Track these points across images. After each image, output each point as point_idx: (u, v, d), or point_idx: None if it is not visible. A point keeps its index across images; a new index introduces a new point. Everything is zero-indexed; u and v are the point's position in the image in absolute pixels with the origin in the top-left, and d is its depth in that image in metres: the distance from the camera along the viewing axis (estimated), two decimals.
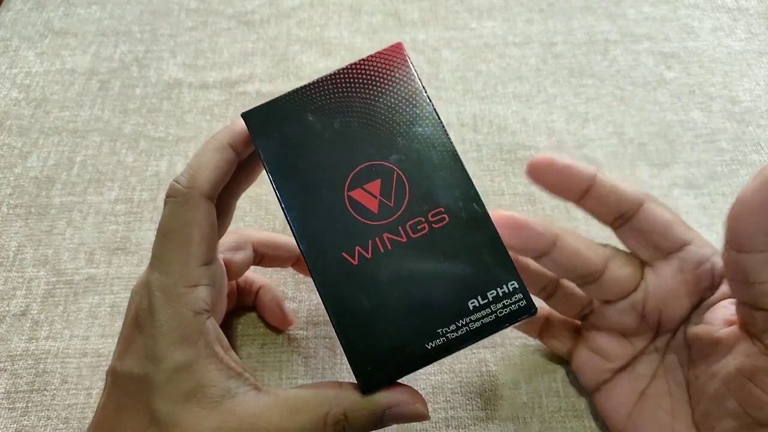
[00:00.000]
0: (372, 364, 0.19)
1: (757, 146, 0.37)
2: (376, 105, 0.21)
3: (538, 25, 0.45)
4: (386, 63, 0.21)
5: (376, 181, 0.20)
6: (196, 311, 0.20)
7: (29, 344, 0.30)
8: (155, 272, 0.20)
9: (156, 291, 0.20)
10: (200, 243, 0.20)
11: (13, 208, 0.35)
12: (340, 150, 0.21)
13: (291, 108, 0.21)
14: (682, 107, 0.39)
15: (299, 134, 0.21)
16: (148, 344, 0.19)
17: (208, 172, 0.21)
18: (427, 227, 0.20)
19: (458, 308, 0.19)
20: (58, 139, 0.38)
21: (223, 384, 0.19)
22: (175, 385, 0.19)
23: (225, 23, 0.45)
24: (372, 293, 0.19)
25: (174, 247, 0.20)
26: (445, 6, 0.46)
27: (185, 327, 0.19)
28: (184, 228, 0.20)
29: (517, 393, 0.28)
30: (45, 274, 0.32)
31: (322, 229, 0.20)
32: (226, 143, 0.21)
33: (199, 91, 0.41)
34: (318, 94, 0.21)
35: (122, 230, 0.34)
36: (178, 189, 0.21)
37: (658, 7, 0.46)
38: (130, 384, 0.19)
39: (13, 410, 0.28)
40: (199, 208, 0.20)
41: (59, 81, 0.41)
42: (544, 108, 0.40)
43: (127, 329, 0.20)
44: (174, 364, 0.19)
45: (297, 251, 0.29)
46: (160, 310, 0.19)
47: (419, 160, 0.20)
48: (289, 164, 0.21)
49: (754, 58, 0.42)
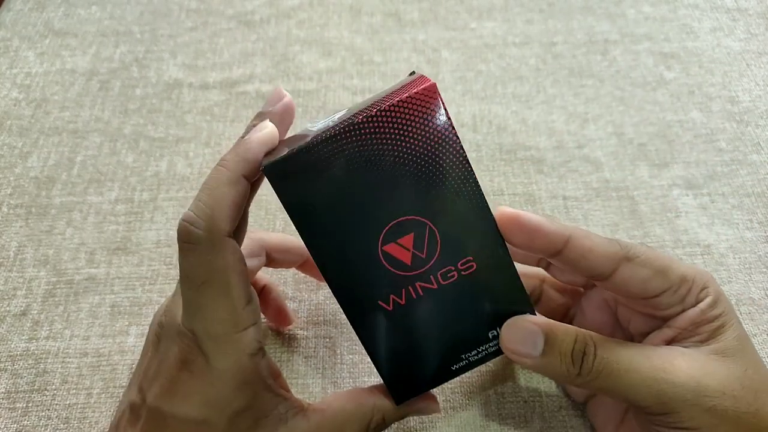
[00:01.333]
0: (403, 384, 0.22)
1: (757, 146, 0.37)
2: (407, 155, 0.19)
3: (538, 25, 0.45)
4: (418, 108, 0.19)
5: (410, 236, 0.20)
6: (252, 353, 0.20)
7: (29, 344, 0.30)
8: (200, 321, 0.19)
9: (207, 340, 0.19)
10: (238, 286, 0.19)
11: (14, 208, 0.35)
12: (372, 204, 0.20)
13: (316, 160, 0.19)
14: (681, 107, 0.39)
15: (326, 188, 0.19)
16: (208, 391, 0.19)
17: (226, 209, 0.19)
18: (456, 275, 0.21)
19: (481, 338, 0.22)
20: (59, 140, 0.38)
21: (275, 412, 0.20)
22: (237, 426, 0.20)
23: (225, 23, 0.45)
24: (405, 333, 0.21)
25: (214, 297, 0.19)
26: (445, 6, 0.46)
27: (244, 372, 0.20)
28: (220, 276, 0.19)
29: (517, 392, 0.28)
30: (45, 274, 0.32)
31: (358, 282, 0.20)
32: (239, 175, 0.19)
33: (199, 91, 0.41)
34: (345, 144, 0.19)
35: (122, 230, 0.34)
36: (198, 235, 0.19)
37: (658, 8, 0.46)
38: (183, 427, 0.20)
39: (13, 410, 0.28)
40: (228, 250, 0.19)
41: (59, 81, 0.41)
42: (544, 108, 0.40)
43: (172, 371, 0.20)
44: (235, 408, 0.20)
45: (306, 254, 0.29)
46: (216, 359, 0.19)
47: (451, 212, 0.20)
48: (318, 220, 0.20)
49: (754, 59, 0.42)
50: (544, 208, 0.35)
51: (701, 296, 0.21)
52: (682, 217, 0.34)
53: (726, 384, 0.20)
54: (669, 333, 0.22)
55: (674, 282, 0.21)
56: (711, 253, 0.32)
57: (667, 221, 0.34)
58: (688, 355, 0.20)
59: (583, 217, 0.34)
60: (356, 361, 0.29)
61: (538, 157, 0.37)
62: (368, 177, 0.19)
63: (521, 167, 0.36)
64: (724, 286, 0.31)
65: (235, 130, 0.39)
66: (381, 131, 0.19)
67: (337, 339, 0.30)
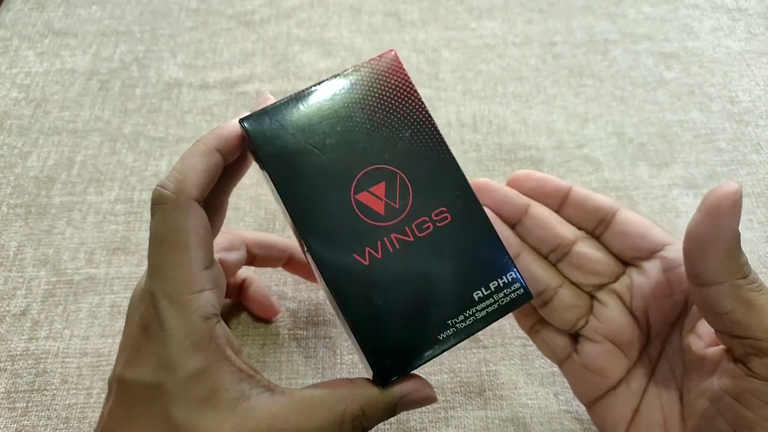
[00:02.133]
0: (388, 359, 0.20)
1: (757, 146, 0.37)
2: (375, 110, 0.21)
3: (538, 25, 0.45)
4: (381, 69, 0.22)
5: (381, 184, 0.21)
6: (206, 316, 0.20)
7: (29, 344, 0.30)
8: (157, 281, 0.20)
9: (162, 300, 0.19)
10: (198, 247, 0.20)
11: (13, 208, 0.35)
12: (344, 154, 0.21)
13: (290, 113, 0.21)
14: (681, 107, 0.39)
15: (301, 139, 0.21)
16: (161, 352, 0.19)
17: (195, 176, 0.20)
18: (431, 226, 0.21)
19: (465, 300, 0.21)
20: (58, 139, 0.38)
21: (236, 387, 0.19)
22: (191, 392, 0.19)
23: (225, 23, 0.45)
24: (384, 291, 0.20)
25: (173, 255, 0.20)
26: (445, 6, 0.46)
27: (196, 333, 0.19)
28: (180, 234, 0.20)
29: (516, 393, 0.28)
30: (45, 274, 0.32)
31: (332, 232, 0.20)
32: (212, 147, 0.21)
33: (199, 91, 0.41)
34: (317, 98, 0.21)
35: (122, 230, 0.34)
36: (166, 195, 0.20)
37: (658, 8, 0.46)
38: (142, 392, 0.19)
39: (13, 410, 0.28)
40: (192, 213, 0.20)
41: (59, 81, 0.41)
42: (544, 108, 0.40)
43: (134, 338, 0.20)
44: (188, 371, 0.19)
45: (289, 252, 0.29)
46: (169, 319, 0.19)
47: (419, 163, 0.21)
48: (293, 170, 0.21)
49: (754, 59, 0.42)
50: None
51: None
52: (682, 217, 0.34)
53: None
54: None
55: (675, 241, 0.23)
56: None
57: (667, 221, 0.34)
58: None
59: None
60: (356, 361, 0.29)
61: (538, 156, 0.37)
62: (339, 129, 0.21)
63: (521, 167, 0.36)
64: None
65: None
66: (349, 87, 0.21)
67: (336, 339, 0.30)
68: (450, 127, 0.39)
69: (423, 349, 0.20)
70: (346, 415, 0.20)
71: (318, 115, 0.21)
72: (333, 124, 0.21)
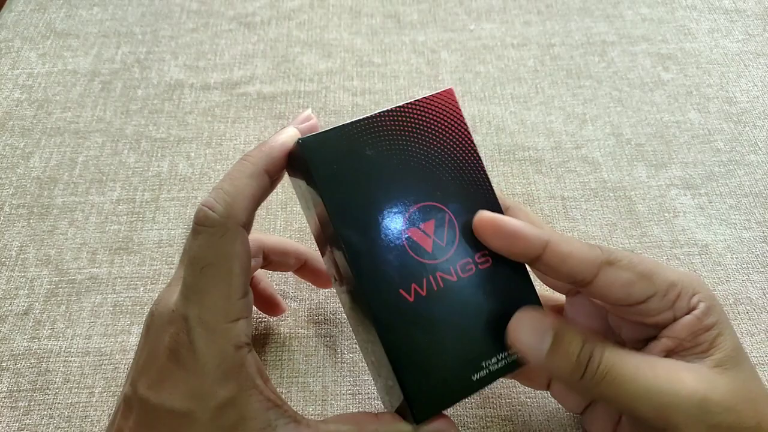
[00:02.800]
0: (426, 397, 0.20)
1: (754, 146, 0.37)
2: (429, 147, 0.21)
3: (536, 26, 0.45)
4: (438, 106, 0.22)
5: (431, 221, 0.21)
6: (239, 345, 0.20)
7: (32, 343, 0.30)
8: (194, 306, 0.19)
9: (197, 327, 0.19)
10: (240, 275, 0.20)
11: (16, 209, 0.35)
12: (398, 188, 0.21)
13: (349, 140, 0.21)
14: (679, 108, 0.40)
15: (358, 168, 0.20)
16: (191, 381, 0.19)
17: (245, 201, 0.20)
18: (474, 268, 0.21)
19: (499, 343, 0.21)
20: (60, 140, 0.38)
21: (263, 416, 0.19)
22: (219, 421, 0.19)
23: (226, 25, 0.45)
24: (426, 329, 0.20)
25: (214, 281, 0.19)
26: (444, 8, 0.47)
27: (228, 362, 0.19)
28: (225, 261, 0.19)
29: (515, 392, 0.28)
30: (47, 274, 0.32)
31: (381, 265, 0.20)
32: (262, 169, 0.20)
33: (200, 92, 0.41)
34: (375, 129, 0.21)
35: (124, 230, 0.34)
36: (213, 218, 0.19)
37: (656, 9, 0.46)
38: (169, 418, 0.19)
39: (15, 409, 0.28)
40: (238, 240, 0.20)
41: (61, 82, 0.42)
42: (542, 109, 0.40)
43: (161, 361, 0.20)
44: (218, 401, 0.19)
45: (303, 258, 0.29)
46: (203, 348, 0.19)
47: (467, 204, 0.22)
48: (347, 197, 0.20)
49: (751, 59, 0.42)
50: (543, 208, 0.35)
51: (693, 302, 0.21)
52: (680, 217, 0.34)
53: (729, 398, 0.19)
54: (668, 343, 0.21)
55: (660, 287, 0.21)
56: (709, 253, 0.33)
57: (665, 221, 0.34)
58: (693, 370, 0.20)
59: (582, 217, 0.34)
60: (356, 360, 0.29)
61: (537, 157, 0.37)
62: (395, 161, 0.21)
63: (520, 168, 0.37)
64: (722, 286, 0.31)
65: (236, 130, 0.39)
66: (407, 122, 0.21)
67: (337, 338, 0.30)
68: None
69: (459, 388, 0.20)
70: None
71: (376, 146, 0.21)
72: (389, 157, 0.21)
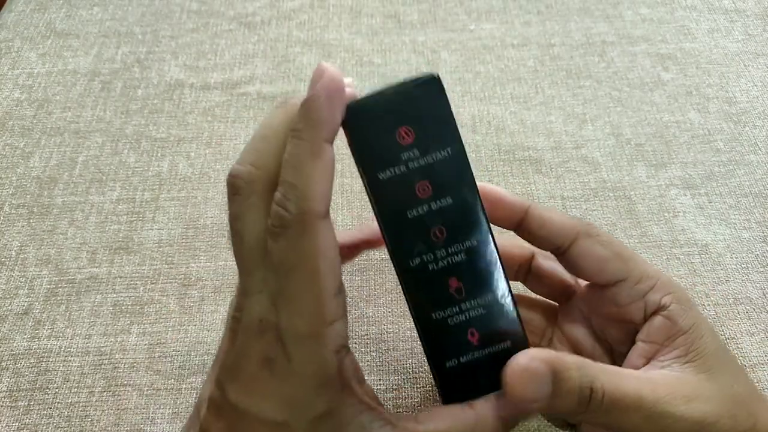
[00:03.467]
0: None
1: (754, 146, 0.37)
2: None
3: (536, 27, 0.45)
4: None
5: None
6: (336, 350, 0.18)
7: (31, 343, 0.30)
8: (285, 314, 0.18)
9: (290, 336, 0.18)
10: (329, 273, 0.18)
11: (16, 208, 0.35)
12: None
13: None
14: (678, 108, 0.40)
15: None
16: (286, 390, 0.18)
17: (315, 187, 0.17)
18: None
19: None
20: (60, 140, 0.38)
21: (357, 420, 0.19)
22: (316, 430, 0.18)
23: (226, 25, 0.45)
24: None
25: (303, 285, 0.18)
26: (444, 8, 0.47)
27: (326, 369, 0.18)
28: (309, 261, 0.18)
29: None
30: (47, 274, 0.32)
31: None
32: (321, 141, 0.18)
33: (200, 92, 0.41)
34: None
35: (124, 230, 0.34)
36: (287, 219, 0.17)
37: (655, 9, 0.46)
38: (262, 427, 0.19)
39: (15, 408, 0.28)
40: (320, 234, 0.18)
41: (61, 82, 0.42)
42: (542, 109, 0.40)
43: (254, 368, 0.19)
44: (316, 412, 0.18)
45: (370, 244, 0.26)
46: (298, 356, 0.18)
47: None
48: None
49: (751, 59, 0.42)
50: None
51: (665, 301, 0.21)
52: (680, 217, 0.34)
53: (722, 406, 0.19)
54: (647, 348, 0.21)
55: (633, 273, 0.21)
56: (708, 253, 0.33)
57: (665, 221, 0.34)
58: (687, 383, 0.20)
59: (581, 216, 0.34)
60: (358, 359, 0.29)
61: (537, 157, 0.37)
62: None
63: (520, 168, 0.37)
64: (721, 286, 0.31)
65: (236, 130, 0.39)
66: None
67: None
68: None
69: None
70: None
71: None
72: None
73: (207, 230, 0.34)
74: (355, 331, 0.30)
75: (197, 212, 0.35)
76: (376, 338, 0.30)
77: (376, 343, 0.30)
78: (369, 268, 0.32)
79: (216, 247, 0.33)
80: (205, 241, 0.34)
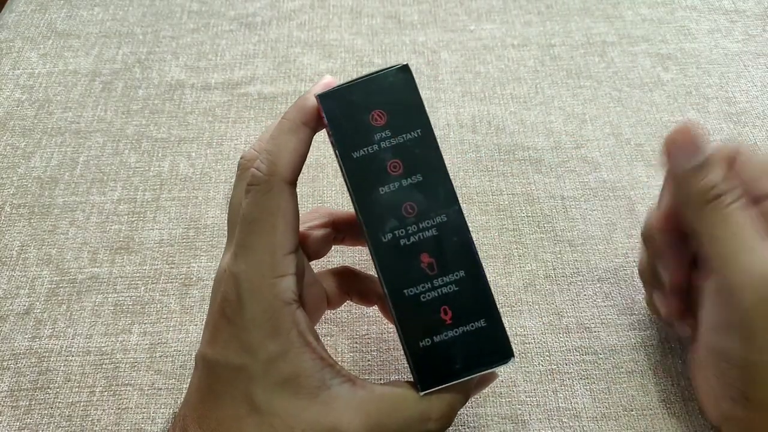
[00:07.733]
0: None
1: (754, 147, 0.37)
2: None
3: (536, 27, 0.45)
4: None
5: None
6: (286, 301, 0.20)
7: (32, 342, 0.30)
8: (241, 262, 0.20)
9: (243, 282, 0.20)
10: (285, 231, 0.20)
11: (17, 208, 0.35)
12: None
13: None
14: (678, 108, 0.40)
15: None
16: (241, 336, 0.19)
17: (288, 156, 0.20)
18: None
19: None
20: (61, 140, 0.38)
21: (317, 374, 0.19)
22: (272, 375, 0.19)
23: (227, 25, 0.45)
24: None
25: (259, 237, 0.20)
26: (445, 8, 0.47)
27: (276, 317, 0.19)
28: (269, 217, 0.20)
29: (515, 390, 0.28)
30: (48, 273, 0.32)
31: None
32: (299, 123, 0.21)
33: (201, 92, 0.41)
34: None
35: (125, 230, 0.34)
36: (259, 177, 0.20)
37: (656, 9, 0.46)
38: (224, 372, 0.20)
39: (16, 408, 0.28)
40: (283, 196, 0.20)
41: (62, 82, 0.42)
42: (542, 109, 0.40)
43: (215, 317, 0.20)
44: (268, 354, 0.19)
45: None
46: (249, 302, 0.19)
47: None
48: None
49: (751, 60, 0.42)
50: (543, 207, 0.35)
51: None
52: None
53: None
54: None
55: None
56: None
57: None
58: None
59: (581, 216, 0.34)
60: (357, 359, 0.29)
61: (537, 157, 0.37)
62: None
63: (519, 167, 0.37)
64: None
65: (237, 130, 0.39)
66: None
67: (338, 337, 0.30)
68: (449, 128, 0.39)
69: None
70: (433, 412, 0.20)
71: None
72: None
73: (208, 230, 0.34)
74: (355, 331, 0.30)
75: (198, 212, 0.35)
76: (376, 338, 0.30)
77: (377, 343, 0.30)
78: (369, 269, 0.32)
79: (217, 247, 0.33)
80: (206, 241, 0.34)
